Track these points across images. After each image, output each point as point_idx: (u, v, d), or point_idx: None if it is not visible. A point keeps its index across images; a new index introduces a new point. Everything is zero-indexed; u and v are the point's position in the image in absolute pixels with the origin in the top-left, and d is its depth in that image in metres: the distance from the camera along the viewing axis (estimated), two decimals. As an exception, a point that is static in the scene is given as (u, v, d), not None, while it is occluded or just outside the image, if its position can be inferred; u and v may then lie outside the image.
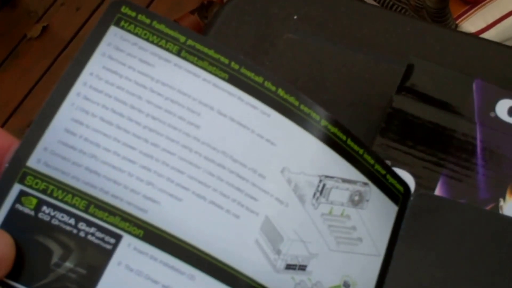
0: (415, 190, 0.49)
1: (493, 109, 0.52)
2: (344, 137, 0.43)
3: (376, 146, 0.51)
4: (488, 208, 0.48)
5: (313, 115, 0.42)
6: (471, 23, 0.99)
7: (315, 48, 0.61)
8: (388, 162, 0.50)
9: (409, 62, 0.54)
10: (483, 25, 0.99)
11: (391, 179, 0.45)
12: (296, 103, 0.42)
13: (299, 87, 0.58)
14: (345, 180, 0.43)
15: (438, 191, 0.49)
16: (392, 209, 0.45)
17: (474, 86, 0.53)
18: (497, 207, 0.48)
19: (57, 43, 1.82)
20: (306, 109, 0.42)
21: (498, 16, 0.99)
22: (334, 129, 0.43)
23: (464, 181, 0.49)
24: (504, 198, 0.49)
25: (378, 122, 0.53)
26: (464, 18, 1.00)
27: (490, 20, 0.99)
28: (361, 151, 0.44)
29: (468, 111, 0.52)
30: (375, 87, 0.59)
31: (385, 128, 0.51)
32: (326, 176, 0.42)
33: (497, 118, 0.52)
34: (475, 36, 0.60)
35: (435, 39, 0.61)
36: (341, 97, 0.58)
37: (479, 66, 0.58)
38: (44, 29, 1.84)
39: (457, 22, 1.00)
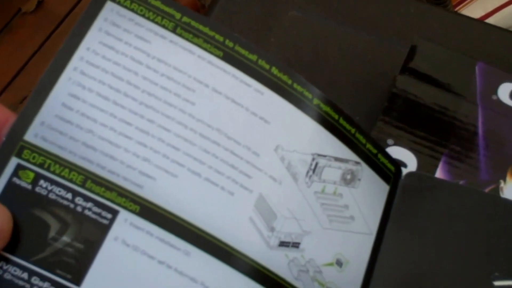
0: (417, 169, 0.50)
1: (495, 92, 0.53)
2: (336, 116, 0.43)
3: (379, 126, 0.51)
4: (488, 189, 0.49)
5: (306, 93, 0.42)
6: (470, 11, 0.99)
7: (319, 26, 0.61)
8: (391, 141, 0.50)
9: (413, 43, 0.55)
10: (482, 13, 0.99)
11: (382, 159, 0.45)
12: (289, 82, 0.42)
13: (302, 65, 0.59)
14: (337, 159, 0.43)
15: (439, 171, 0.50)
16: (383, 188, 0.45)
17: (476, 68, 0.53)
18: (497, 188, 0.49)
19: (52, 19, 1.81)
20: (299, 88, 0.42)
21: (497, 4, 0.99)
22: (326, 108, 0.43)
23: (465, 162, 0.50)
24: (504, 179, 0.49)
25: (381, 102, 0.53)
26: (463, 6, 1.00)
27: (490, 8, 0.99)
28: (352, 130, 0.44)
29: (470, 93, 0.53)
30: (377, 68, 0.59)
31: (388, 107, 0.52)
32: (319, 155, 0.43)
33: (499, 101, 0.52)
34: (479, 20, 0.60)
35: (438, 22, 0.61)
36: (343, 76, 0.58)
37: (482, 49, 0.59)
38: (40, 4, 1.83)
39: (456, 9, 0.99)
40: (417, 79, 0.53)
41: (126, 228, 0.37)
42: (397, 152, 0.50)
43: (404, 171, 0.47)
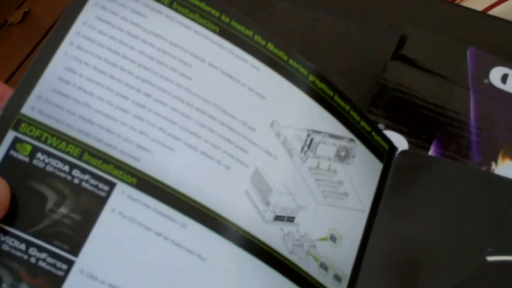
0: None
1: (487, 76, 0.53)
2: (331, 93, 0.44)
3: (370, 111, 0.52)
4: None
5: (301, 70, 0.43)
6: (474, 2, 1.00)
7: (309, 17, 0.62)
8: (382, 126, 0.51)
9: (403, 30, 0.55)
10: (486, 4, 0.99)
11: (376, 136, 0.46)
12: (285, 58, 0.43)
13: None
14: (332, 136, 0.44)
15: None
16: (377, 166, 0.46)
17: (468, 53, 0.54)
18: (489, 170, 0.50)
19: (38, 30, 1.81)
20: (294, 64, 0.43)
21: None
22: (321, 85, 0.44)
23: (457, 145, 0.50)
24: (496, 161, 0.50)
25: (371, 90, 0.54)
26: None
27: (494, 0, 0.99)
28: (347, 108, 0.45)
29: (462, 78, 0.53)
30: (368, 56, 0.59)
31: (379, 94, 0.52)
32: (314, 131, 0.43)
33: (490, 84, 0.53)
34: (469, 8, 0.61)
35: (429, 10, 0.62)
36: (334, 65, 0.59)
37: (473, 37, 0.59)
38: (25, 15, 1.83)
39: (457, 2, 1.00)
40: (408, 65, 0.54)
41: (123, 200, 0.37)
42: (388, 136, 0.50)
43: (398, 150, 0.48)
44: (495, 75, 0.54)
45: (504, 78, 0.54)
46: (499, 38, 0.59)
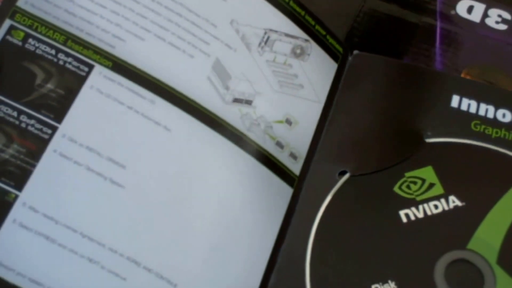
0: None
1: (454, 8, 0.59)
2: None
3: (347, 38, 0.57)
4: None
5: None
6: None
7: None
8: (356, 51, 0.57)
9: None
10: None
11: (331, 40, 0.52)
12: None
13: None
14: (287, 35, 0.50)
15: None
16: (332, 65, 0.52)
17: None
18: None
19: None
20: None
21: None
22: None
23: (423, 63, 0.56)
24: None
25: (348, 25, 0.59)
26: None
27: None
28: (302, 13, 0.51)
29: (431, 10, 0.59)
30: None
31: (356, 26, 0.58)
32: (271, 30, 0.49)
33: (457, 15, 0.59)
34: None
35: None
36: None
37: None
38: None
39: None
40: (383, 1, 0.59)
41: (101, 79, 0.44)
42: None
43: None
44: (462, 6, 0.59)
45: (470, 10, 0.59)
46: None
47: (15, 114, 0.43)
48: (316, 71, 0.51)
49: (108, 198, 0.42)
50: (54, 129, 0.43)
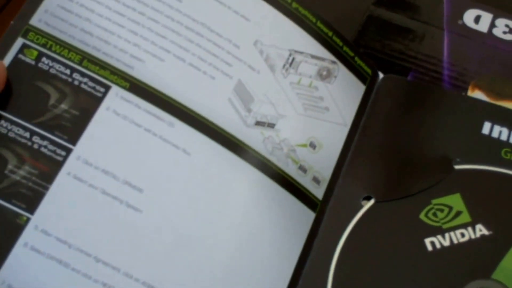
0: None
1: (461, 18, 0.57)
2: (314, 19, 0.48)
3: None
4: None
5: None
6: None
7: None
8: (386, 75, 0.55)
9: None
10: None
11: (359, 61, 0.50)
12: None
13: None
14: (313, 56, 0.48)
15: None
16: (359, 87, 0.50)
17: None
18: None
19: None
20: None
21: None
22: (304, 11, 0.48)
23: (430, 77, 0.54)
24: (466, 92, 0.53)
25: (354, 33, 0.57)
26: None
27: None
28: (330, 33, 0.49)
29: (437, 18, 0.57)
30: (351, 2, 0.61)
31: (362, 30, 0.56)
32: (296, 51, 0.47)
33: (464, 25, 0.57)
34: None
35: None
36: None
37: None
38: None
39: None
40: (388, 8, 0.58)
41: (117, 100, 0.42)
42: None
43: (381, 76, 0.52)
44: (469, 16, 0.58)
45: (477, 19, 0.58)
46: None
47: (27, 135, 0.41)
48: (343, 94, 0.48)
49: (123, 222, 0.40)
50: (68, 151, 0.41)
